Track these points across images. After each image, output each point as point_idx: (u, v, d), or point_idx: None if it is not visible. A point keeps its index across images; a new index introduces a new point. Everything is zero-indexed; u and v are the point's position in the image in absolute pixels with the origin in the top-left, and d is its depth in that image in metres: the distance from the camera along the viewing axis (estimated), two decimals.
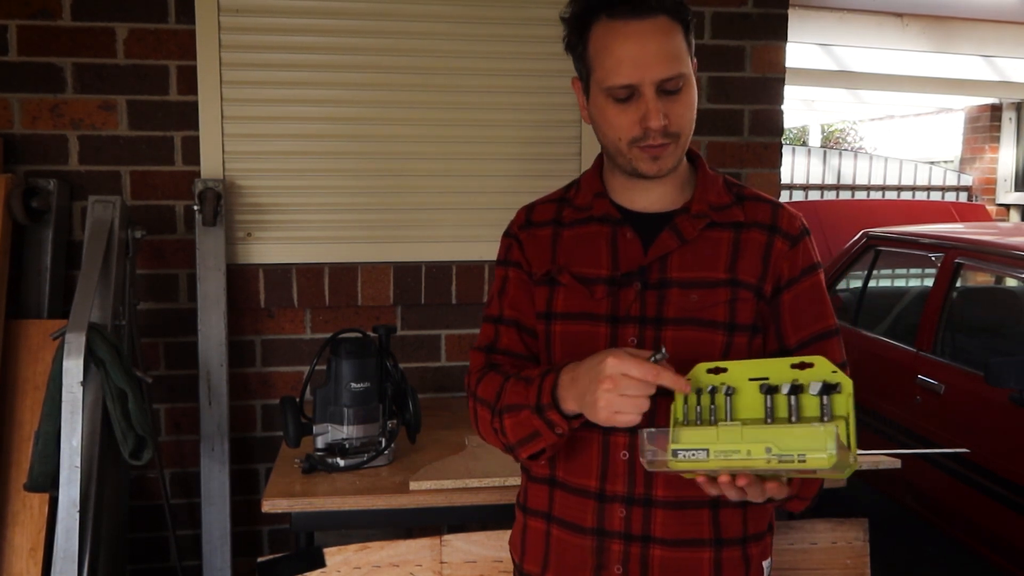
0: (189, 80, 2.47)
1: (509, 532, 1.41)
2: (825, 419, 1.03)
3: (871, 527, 1.84)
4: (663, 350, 1.07)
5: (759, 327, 1.24)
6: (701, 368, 1.13)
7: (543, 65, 2.61)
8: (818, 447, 0.96)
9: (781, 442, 0.99)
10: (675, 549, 1.23)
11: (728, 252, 1.24)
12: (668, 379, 1.06)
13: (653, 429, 1.08)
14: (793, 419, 1.05)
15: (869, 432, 3.57)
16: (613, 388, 1.06)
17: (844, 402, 1.04)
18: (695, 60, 1.25)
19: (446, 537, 1.74)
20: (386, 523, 1.94)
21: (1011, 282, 4.15)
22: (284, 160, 2.55)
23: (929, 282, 3.80)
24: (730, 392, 1.10)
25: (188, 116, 2.48)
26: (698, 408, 1.11)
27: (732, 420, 1.08)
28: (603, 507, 1.25)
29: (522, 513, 1.37)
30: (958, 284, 3.62)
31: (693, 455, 1.03)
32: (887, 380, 3.56)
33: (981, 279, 4.48)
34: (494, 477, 1.86)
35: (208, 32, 2.45)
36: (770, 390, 1.07)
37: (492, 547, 1.74)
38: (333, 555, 1.71)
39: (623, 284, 1.24)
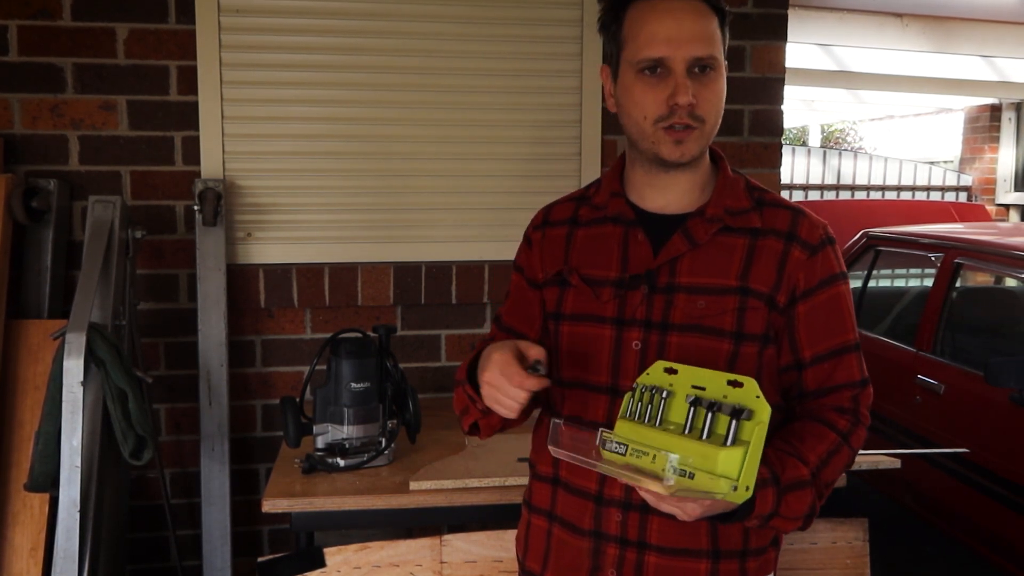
0: (189, 80, 2.47)
1: (509, 532, 1.42)
2: (728, 443, 1.03)
3: (871, 527, 1.84)
4: (540, 365, 1.16)
5: (771, 337, 1.22)
6: (659, 366, 1.15)
7: (543, 65, 2.61)
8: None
9: (681, 455, 1.02)
10: (670, 557, 1.22)
11: (741, 259, 1.22)
12: (535, 385, 1.14)
13: (560, 420, 1.14)
14: (704, 436, 1.06)
15: (869, 432, 3.56)
16: (492, 387, 1.17)
17: (751, 429, 1.03)
18: (726, 62, 1.24)
19: (446, 537, 1.74)
20: (386, 523, 1.94)
21: (1011, 282, 4.15)
22: (284, 160, 2.55)
23: (929, 282, 3.80)
24: (667, 396, 1.11)
25: (188, 116, 2.48)
26: (639, 406, 1.13)
27: (661, 424, 1.11)
28: (600, 510, 1.25)
29: (527, 510, 1.38)
30: (958, 284, 3.62)
31: (616, 447, 1.08)
32: (887, 380, 3.55)
33: (981, 279, 4.47)
34: (494, 477, 1.86)
35: (208, 32, 2.45)
36: (696, 402, 1.08)
37: (492, 547, 1.74)
38: (333, 555, 1.71)
39: (631, 287, 1.24)
